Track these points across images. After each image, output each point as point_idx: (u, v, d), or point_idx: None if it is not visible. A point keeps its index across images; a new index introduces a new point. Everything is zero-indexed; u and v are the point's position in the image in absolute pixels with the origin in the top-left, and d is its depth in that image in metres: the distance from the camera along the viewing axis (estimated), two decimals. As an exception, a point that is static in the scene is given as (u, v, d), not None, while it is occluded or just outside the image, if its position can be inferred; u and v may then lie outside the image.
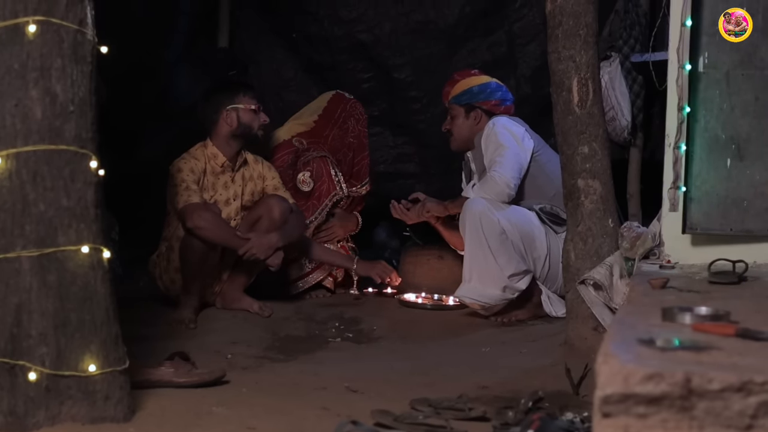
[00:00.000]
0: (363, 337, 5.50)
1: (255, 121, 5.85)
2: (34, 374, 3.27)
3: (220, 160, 5.82)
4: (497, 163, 5.73)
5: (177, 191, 5.58)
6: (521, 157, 5.80)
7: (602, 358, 2.23)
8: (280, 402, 3.84)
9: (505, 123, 5.90)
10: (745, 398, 2.15)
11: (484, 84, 6.10)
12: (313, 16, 7.68)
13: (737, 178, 4.28)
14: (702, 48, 4.29)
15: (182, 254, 5.59)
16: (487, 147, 5.85)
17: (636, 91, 6.38)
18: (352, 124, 6.63)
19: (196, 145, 5.86)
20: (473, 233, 5.61)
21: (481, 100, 6.06)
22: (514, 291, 5.64)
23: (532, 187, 5.88)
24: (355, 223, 6.67)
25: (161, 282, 5.81)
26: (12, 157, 3.28)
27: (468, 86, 6.09)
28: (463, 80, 6.13)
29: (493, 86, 6.11)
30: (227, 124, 5.82)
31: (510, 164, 5.72)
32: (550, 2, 4.60)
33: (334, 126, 6.61)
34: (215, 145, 5.83)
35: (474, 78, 6.16)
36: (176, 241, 5.67)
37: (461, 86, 6.10)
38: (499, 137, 5.80)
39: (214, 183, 5.81)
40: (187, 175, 5.64)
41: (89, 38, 3.41)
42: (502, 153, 5.74)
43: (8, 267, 3.29)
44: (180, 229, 5.63)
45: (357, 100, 6.78)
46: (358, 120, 6.67)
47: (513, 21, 7.53)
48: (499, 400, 3.82)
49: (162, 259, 5.78)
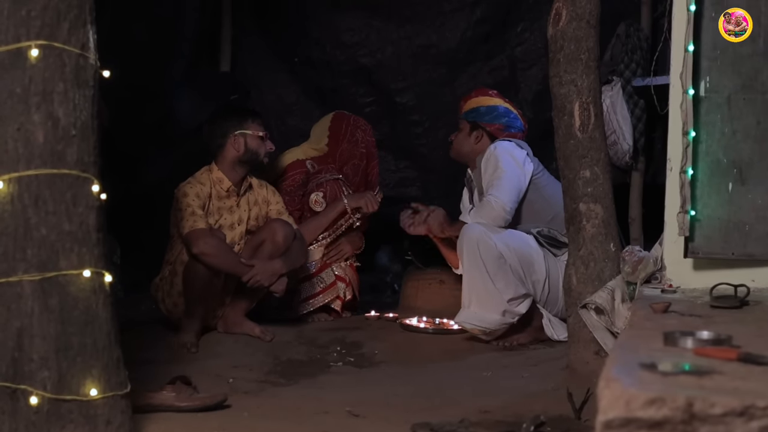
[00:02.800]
0: (365, 361, 5.49)
1: (261, 148, 5.86)
2: (36, 398, 3.27)
3: (226, 185, 5.82)
4: (494, 186, 5.72)
5: (182, 216, 5.58)
6: (520, 181, 5.79)
7: (604, 382, 2.23)
8: (282, 426, 3.83)
9: (507, 147, 5.90)
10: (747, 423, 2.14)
11: (492, 106, 6.11)
12: (315, 40, 7.71)
13: (739, 202, 4.28)
14: (703, 72, 4.30)
15: (186, 279, 5.59)
16: (486, 169, 5.85)
17: (638, 115, 6.39)
18: (360, 135, 6.68)
19: (202, 169, 5.87)
20: (471, 258, 5.59)
21: (486, 121, 6.06)
22: (514, 315, 5.62)
23: (529, 211, 5.87)
24: (361, 241, 6.68)
25: (164, 305, 5.80)
26: (14, 181, 3.28)
27: (477, 105, 6.11)
28: (476, 98, 6.16)
29: (500, 110, 6.10)
30: (234, 149, 5.82)
31: (507, 188, 5.72)
32: (551, 27, 4.62)
33: (342, 141, 6.64)
34: (221, 169, 5.84)
35: (487, 98, 6.16)
36: (180, 265, 5.66)
37: (472, 103, 6.12)
38: (499, 161, 5.80)
39: (220, 207, 5.82)
40: (192, 199, 5.64)
41: (91, 62, 3.42)
42: (500, 176, 5.74)
43: (10, 291, 3.29)
44: (184, 254, 5.63)
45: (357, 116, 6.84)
46: (365, 130, 6.73)
47: (515, 45, 7.56)
48: (500, 425, 3.81)
49: (165, 283, 5.77)
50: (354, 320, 6.42)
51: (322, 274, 6.41)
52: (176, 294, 5.70)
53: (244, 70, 7.83)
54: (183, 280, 5.61)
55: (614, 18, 6.33)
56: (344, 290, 6.45)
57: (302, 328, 6.11)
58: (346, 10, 7.67)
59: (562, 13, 4.57)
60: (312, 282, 6.34)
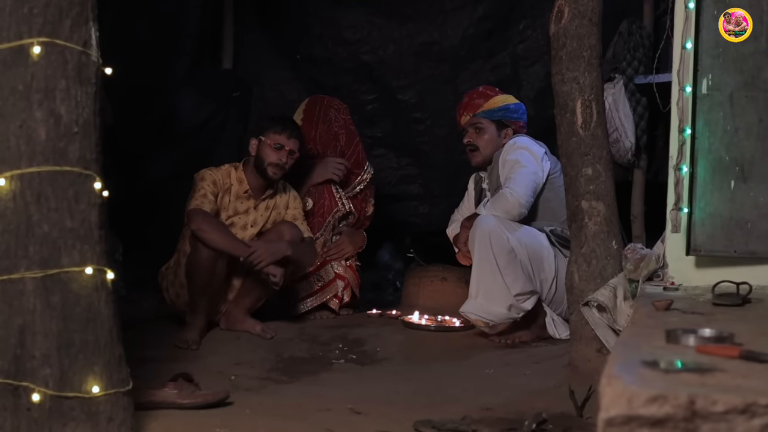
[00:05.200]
0: (366, 358, 5.49)
1: (270, 158, 5.84)
2: (38, 395, 3.27)
3: (244, 187, 5.86)
4: (512, 179, 5.72)
5: (193, 195, 5.64)
6: (537, 176, 5.79)
7: (606, 379, 2.23)
8: (284, 423, 3.83)
9: (527, 142, 5.91)
10: (749, 420, 2.14)
11: (518, 104, 6.14)
12: (317, 37, 7.70)
13: (741, 200, 4.28)
14: (706, 70, 4.30)
15: (188, 269, 5.61)
16: (504, 164, 5.85)
17: (640, 113, 6.38)
18: (333, 114, 6.61)
19: (228, 164, 5.91)
20: (482, 250, 5.58)
21: (514, 119, 6.08)
22: (519, 311, 5.62)
23: (545, 209, 5.87)
24: (362, 240, 6.66)
25: (167, 294, 5.84)
26: (16, 178, 3.29)
27: (505, 102, 6.09)
28: (498, 96, 6.13)
29: (523, 108, 6.17)
30: (250, 150, 5.89)
31: (524, 182, 5.72)
32: (554, 24, 4.61)
33: (317, 123, 6.56)
34: (244, 170, 5.89)
35: (508, 96, 6.17)
36: (183, 256, 5.67)
37: (497, 101, 6.09)
38: (518, 155, 5.80)
39: (237, 206, 5.84)
40: (208, 184, 5.69)
41: (93, 59, 3.42)
42: (518, 170, 5.74)
43: (12, 288, 3.29)
44: (187, 244, 5.63)
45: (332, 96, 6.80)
46: (339, 109, 6.66)
47: (517, 42, 7.55)
48: (502, 422, 3.81)
49: (170, 272, 5.80)
50: (356, 317, 6.43)
51: (321, 272, 6.38)
52: (179, 285, 5.73)
53: (246, 67, 7.83)
54: (186, 270, 5.63)
55: (616, 15, 6.32)
56: (342, 290, 6.44)
57: (304, 325, 6.10)
58: (348, 7, 7.65)
59: (565, 10, 4.57)
60: (309, 281, 6.32)
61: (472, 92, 6.24)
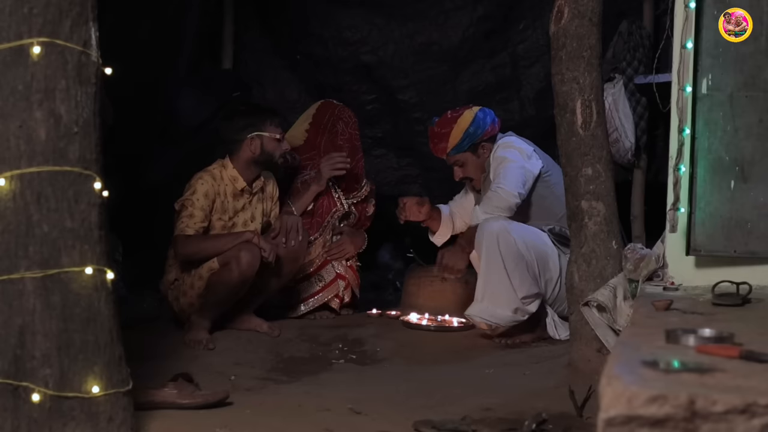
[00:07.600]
0: (366, 358, 5.49)
1: (277, 150, 5.86)
2: (38, 396, 3.27)
3: (240, 185, 5.82)
4: (499, 176, 5.70)
5: (180, 214, 5.60)
6: (526, 169, 5.75)
7: (606, 379, 2.23)
8: (284, 423, 3.83)
9: (512, 140, 5.90)
10: (749, 420, 2.14)
11: (473, 120, 5.96)
12: (317, 37, 7.70)
13: (741, 200, 4.28)
14: (705, 70, 4.30)
15: (213, 285, 5.56)
16: (492, 164, 5.84)
17: (640, 113, 6.39)
18: (341, 127, 6.56)
19: (215, 163, 5.85)
20: (490, 252, 5.54)
21: (481, 134, 5.97)
22: (524, 313, 5.59)
23: (540, 207, 5.85)
24: (363, 240, 6.65)
25: (176, 303, 5.73)
26: (16, 179, 3.29)
27: (464, 129, 5.96)
28: (454, 127, 5.98)
29: (479, 115, 5.99)
30: (250, 150, 5.80)
31: (512, 176, 5.68)
32: (553, 24, 4.61)
33: (324, 132, 6.53)
34: (235, 167, 5.82)
35: (461, 120, 5.99)
36: (207, 271, 5.63)
37: (456, 134, 5.97)
38: (504, 152, 5.79)
39: (235, 205, 5.83)
40: (197, 198, 5.62)
41: (93, 60, 3.42)
42: (505, 166, 5.72)
43: (12, 288, 3.29)
44: (214, 261, 5.60)
45: (345, 106, 6.73)
46: (347, 123, 6.60)
47: (517, 43, 7.55)
48: (502, 422, 3.81)
49: (183, 283, 5.70)
50: (356, 318, 6.42)
51: (322, 272, 6.38)
52: (195, 296, 5.64)
53: (246, 67, 7.83)
54: (209, 286, 5.57)
55: (616, 15, 6.33)
56: (343, 290, 6.44)
57: (304, 325, 6.10)
58: (348, 7, 7.66)
59: (564, 10, 4.57)
60: (311, 281, 6.32)
61: (432, 135, 6.10)
